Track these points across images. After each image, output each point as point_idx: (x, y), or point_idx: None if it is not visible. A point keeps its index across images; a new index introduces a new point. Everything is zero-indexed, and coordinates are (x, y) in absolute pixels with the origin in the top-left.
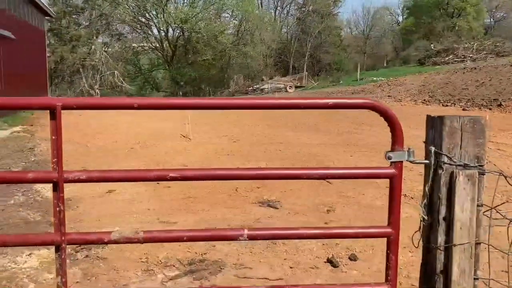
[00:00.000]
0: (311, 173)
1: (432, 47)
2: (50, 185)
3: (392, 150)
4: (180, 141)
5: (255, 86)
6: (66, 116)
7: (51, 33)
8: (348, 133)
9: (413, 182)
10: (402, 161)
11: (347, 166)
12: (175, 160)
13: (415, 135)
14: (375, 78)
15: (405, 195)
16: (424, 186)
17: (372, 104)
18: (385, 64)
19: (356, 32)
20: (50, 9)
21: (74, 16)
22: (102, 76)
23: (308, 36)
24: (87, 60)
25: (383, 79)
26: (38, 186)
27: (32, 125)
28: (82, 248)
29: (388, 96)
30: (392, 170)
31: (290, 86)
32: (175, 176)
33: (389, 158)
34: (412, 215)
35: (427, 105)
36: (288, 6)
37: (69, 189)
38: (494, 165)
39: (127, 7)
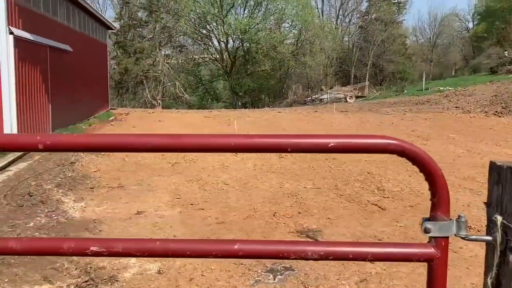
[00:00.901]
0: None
1: (506, 54)
2: (80, 204)
3: (432, 218)
4: (227, 156)
5: (314, 96)
6: (118, 128)
7: (117, 45)
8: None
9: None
10: (447, 237)
11: (373, 242)
12: (218, 177)
13: (484, 152)
14: (441, 88)
15: (470, 226)
16: (485, 278)
17: (400, 146)
18: (453, 73)
19: (422, 40)
20: (116, 23)
21: (138, 29)
22: (164, 87)
23: (370, 44)
24: (150, 71)
25: (450, 88)
26: (66, 206)
27: None
28: None
29: (456, 107)
30: (430, 250)
31: (350, 96)
32: (154, 250)
33: (427, 231)
34: None
35: (499, 117)
36: (350, 14)
37: (96, 209)
38: None
39: (188, 19)
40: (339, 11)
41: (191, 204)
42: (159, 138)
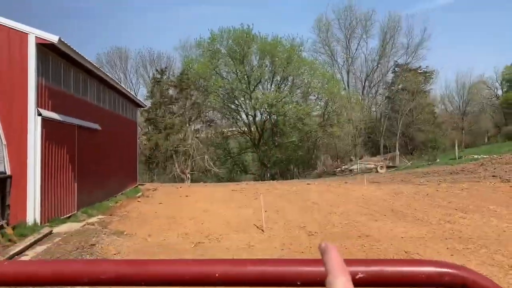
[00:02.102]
0: None
1: None
2: None
3: None
4: (254, 233)
5: (343, 166)
6: (145, 205)
7: (148, 122)
8: (451, 223)
9: None
10: None
11: None
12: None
13: None
14: (476, 156)
15: None
16: None
17: (460, 278)
18: (486, 141)
19: (452, 108)
20: (148, 101)
21: (169, 106)
22: (193, 161)
23: (399, 114)
24: (180, 146)
25: (485, 156)
26: None
27: (111, 215)
28: None
29: (493, 175)
30: None
31: (381, 167)
32: None
33: None
34: None
35: None
36: (376, 85)
37: None
38: None
39: (217, 95)
40: (365, 82)
41: None
42: (115, 266)
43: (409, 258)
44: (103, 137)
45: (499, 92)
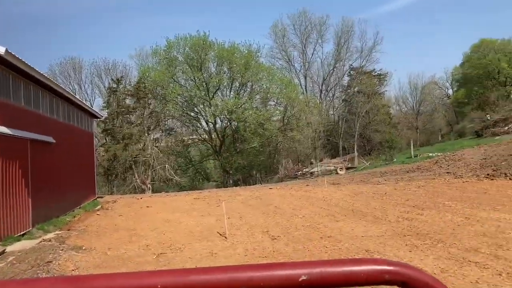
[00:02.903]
0: None
1: (488, 118)
2: None
3: None
4: (217, 241)
5: (304, 169)
6: (105, 218)
7: (105, 132)
8: (408, 220)
9: (491, 287)
10: None
11: None
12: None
13: (484, 219)
14: (430, 154)
15: None
16: None
17: (400, 275)
18: (439, 139)
19: (406, 109)
20: (104, 111)
21: (126, 116)
22: (153, 171)
23: (356, 116)
24: (139, 156)
25: (439, 154)
26: None
27: (69, 230)
28: None
29: (447, 172)
30: None
31: (341, 168)
32: None
33: None
34: None
35: (491, 179)
36: (333, 89)
37: None
38: None
39: (176, 103)
40: (322, 86)
41: None
42: (51, 284)
43: (369, 256)
44: (58, 150)
45: (450, 91)
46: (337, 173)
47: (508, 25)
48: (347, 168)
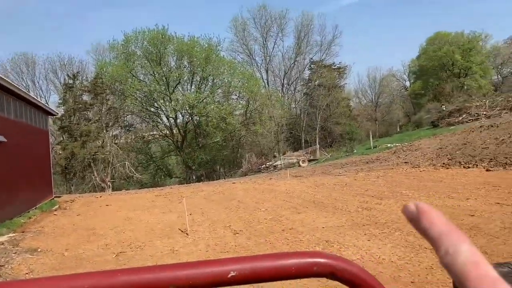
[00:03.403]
0: None
1: (444, 108)
2: None
3: None
4: (178, 238)
5: (267, 163)
6: (62, 218)
7: (62, 130)
8: (368, 209)
9: (444, 272)
10: None
11: None
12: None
13: (439, 206)
14: (389, 145)
15: None
16: None
17: (328, 267)
18: (398, 130)
19: (365, 101)
20: (61, 108)
21: (84, 112)
22: (113, 168)
23: (317, 109)
24: (98, 153)
25: (397, 144)
26: None
27: (24, 232)
28: None
29: (405, 162)
30: None
31: (303, 161)
32: None
33: None
34: None
35: (447, 168)
36: (294, 82)
37: None
38: None
39: (135, 99)
40: (283, 80)
41: None
42: None
43: (329, 247)
44: (10, 150)
45: (407, 83)
46: (299, 165)
47: (461, 18)
48: (309, 161)
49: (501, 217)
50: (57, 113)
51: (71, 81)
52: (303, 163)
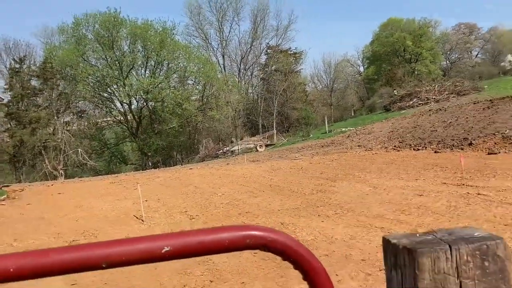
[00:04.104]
0: None
1: (395, 93)
2: None
3: None
4: (133, 225)
5: (225, 148)
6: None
7: (9, 117)
8: (322, 192)
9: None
10: None
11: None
12: None
13: (390, 187)
14: (344, 129)
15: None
16: None
17: (261, 239)
18: (352, 114)
19: (321, 86)
20: (7, 93)
21: (32, 98)
22: (65, 156)
23: (274, 94)
24: (49, 141)
25: (351, 128)
26: None
27: None
28: None
29: (358, 145)
30: None
31: (260, 145)
32: None
33: None
34: None
35: (398, 151)
36: (251, 67)
37: None
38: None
39: (87, 84)
40: (240, 65)
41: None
42: None
43: (284, 229)
44: None
45: (361, 69)
46: (257, 150)
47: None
48: (267, 145)
49: (447, 196)
50: (3, 98)
51: (17, 66)
52: (260, 148)
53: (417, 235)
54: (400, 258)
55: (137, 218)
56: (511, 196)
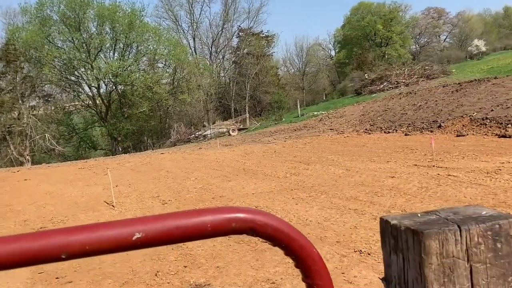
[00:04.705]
0: None
1: (366, 77)
2: None
3: None
4: (103, 211)
5: (197, 133)
6: None
7: None
8: (295, 175)
9: (367, 230)
10: None
11: None
12: None
13: (362, 169)
14: (316, 113)
15: (360, 251)
16: None
17: (249, 222)
18: (324, 98)
19: (293, 70)
20: None
21: None
22: (32, 141)
23: (246, 78)
24: (14, 126)
25: (323, 112)
26: None
27: None
28: None
29: (330, 129)
30: None
31: (233, 129)
32: None
33: None
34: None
35: (369, 134)
36: (222, 50)
37: None
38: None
39: (53, 67)
40: (211, 48)
41: (56, 278)
42: None
43: None
44: None
45: (333, 53)
46: (229, 134)
47: None
48: (239, 129)
49: (418, 178)
50: None
51: None
52: (233, 132)
53: (418, 215)
54: (401, 241)
55: (108, 203)
56: (480, 177)
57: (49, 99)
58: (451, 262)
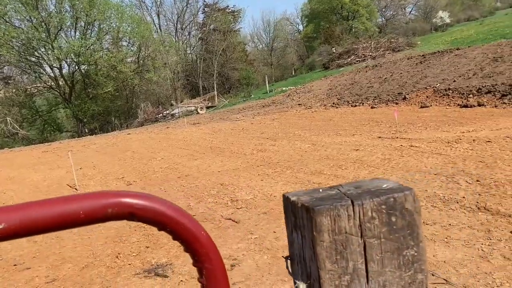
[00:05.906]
0: None
1: (334, 51)
2: None
3: None
4: (66, 194)
5: (165, 112)
6: None
7: None
8: (262, 151)
9: None
10: None
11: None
12: None
13: (328, 144)
14: (284, 88)
15: None
16: None
17: (126, 206)
18: (292, 73)
19: (261, 46)
20: None
21: None
22: None
23: (213, 55)
24: None
25: (292, 88)
26: None
27: None
28: None
29: (299, 104)
30: None
31: (201, 108)
32: None
33: None
34: None
35: (336, 108)
36: (188, 27)
37: None
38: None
39: (11, 47)
40: (176, 24)
41: (14, 265)
42: None
43: (224, 189)
44: None
45: (300, 27)
46: (198, 113)
47: None
48: (208, 107)
49: (381, 150)
50: None
51: None
52: (201, 110)
53: (320, 190)
54: (299, 218)
55: (71, 187)
56: (441, 147)
57: (9, 81)
58: (343, 239)
